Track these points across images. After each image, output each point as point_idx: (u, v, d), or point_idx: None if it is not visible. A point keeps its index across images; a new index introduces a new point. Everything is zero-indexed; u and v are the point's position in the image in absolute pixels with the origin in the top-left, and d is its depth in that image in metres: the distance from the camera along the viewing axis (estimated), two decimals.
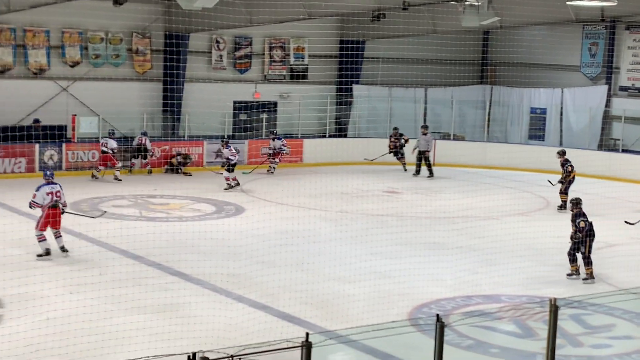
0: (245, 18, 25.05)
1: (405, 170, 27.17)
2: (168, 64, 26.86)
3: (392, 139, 27.48)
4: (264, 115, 28.59)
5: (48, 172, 15.69)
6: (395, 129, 27.87)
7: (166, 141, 26.30)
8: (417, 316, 12.56)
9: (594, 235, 14.97)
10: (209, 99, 27.40)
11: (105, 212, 17.74)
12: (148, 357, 7.35)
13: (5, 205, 19.27)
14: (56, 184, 15.40)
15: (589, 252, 14.86)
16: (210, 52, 28.73)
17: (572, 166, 21.39)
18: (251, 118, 28.99)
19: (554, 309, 8.08)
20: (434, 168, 26.71)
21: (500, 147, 28.93)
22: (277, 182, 24.46)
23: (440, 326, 7.66)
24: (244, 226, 18.18)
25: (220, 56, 28.90)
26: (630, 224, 18.81)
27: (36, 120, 24.92)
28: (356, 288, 13.70)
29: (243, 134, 27.72)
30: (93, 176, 23.87)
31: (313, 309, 12.66)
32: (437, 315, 7.77)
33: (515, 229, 18.66)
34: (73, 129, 25.13)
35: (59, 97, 25.95)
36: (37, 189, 15.21)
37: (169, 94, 26.96)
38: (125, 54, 27.03)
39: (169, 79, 27.02)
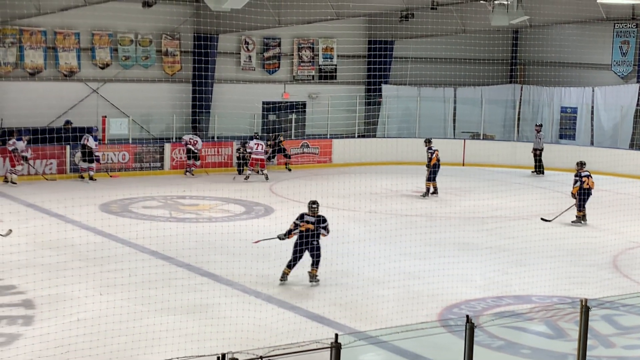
0: (274, 19, 25.09)
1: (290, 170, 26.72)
2: (197, 65, 27.03)
3: None
4: (293, 116, 28.62)
5: None
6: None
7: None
8: (447, 317, 12.49)
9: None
10: (238, 100, 27.48)
11: (11, 231, 15.04)
12: (178, 358, 7.37)
13: (37, 207, 19.43)
14: None
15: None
16: (239, 53, 28.80)
17: (586, 177, 19.55)
18: (280, 118, 29.05)
19: (585, 309, 8.01)
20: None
21: (530, 147, 28.69)
22: (307, 183, 24.46)
23: (470, 327, 7.61)
24: (273, 227, 18.16)
25: (249, 57, 28.98)
26: (546, 220, 18.96)
27: (68, 122, 25.11)
28: (386, 289, 13.66)
29: (272, 134, 27.77)
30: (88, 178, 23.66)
31: (343, 310, 12.64)
32: (467, 316, 7.72)
33: (546, 229, 18.56)
34: (103, 131, 25.30)
35: (89, 99, 26.15)
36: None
37: (198, 95, 27.06)
38: (155, 56, 27.19)
39: (198, 80, 27.17)
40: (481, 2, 24.47)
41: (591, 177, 19.46)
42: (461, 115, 31.72)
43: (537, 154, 27.39)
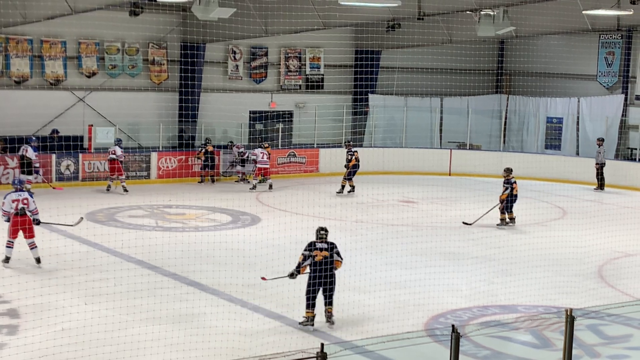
0: (261, 28, 25.11)
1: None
2: (184, 74, 27.00)
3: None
4: (280, 125, 28.63)
5: (16, 181, 15.78)
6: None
7: (182, 151, 26.34)
8: (434, 326, 12.50)
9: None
10: (225, 109, 27.46)
11: (82, 218, 16.49)
12: None
13: None
14: (24, 191, 15.45)
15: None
16: (226, 62, 28.81)
17: (515, 183, 20.10)
18: (267, 128, 29.05)
19: (570, 319, 8.03)
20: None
21: (516, 157, 28.78)
22: (293, 192, 24.47)
23: (456, 337, 7.62)
24: (259, 236, 18.18)
25: (236, 66, 28.98)
26: (467, 224, 19.28)
27: (55, 131, 25.05)
28: (372, 298, 13.66)
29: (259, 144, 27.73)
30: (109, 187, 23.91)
31: None
32: (453, 325, 7.73)
33: (532, 239, 18.62)
34: (89, 140, 25.23)
35: (75, 108, 26.08)
36: (4, 197, 15.27)
37: (185, 104, 27.03)
38: (142, 65, 27.16)
39: (185, 89, 27.16)
40: (467, 12, 24.55)
41: (516, 183, 20.16)
42: (447, 125, 31.82)
43: (597, 168, 26.57)
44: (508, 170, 20.19)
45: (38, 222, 15.29)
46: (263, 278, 13.56)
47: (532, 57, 31.47)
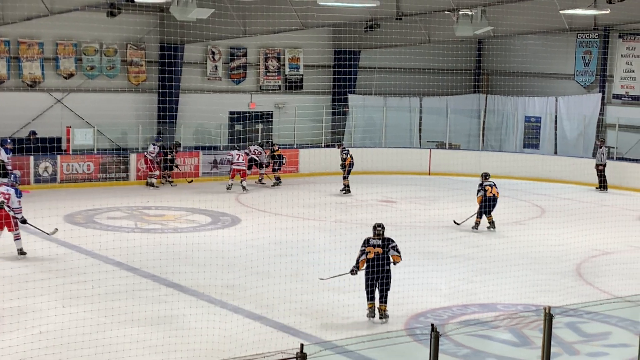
0: (240, 29, 25.06)
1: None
2: (163, 75, 26.93)
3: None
4: (260, 126, 28.59)
5: (12, 177, 15.86)
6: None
7: (160, 153, 26.19)
8: (414, 326, 12.53)
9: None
10: (204, 110, 27.39)
11: (57, 229, 16.58)
12: None
13: None
14: (10, 186, 15.54)
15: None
16: (205, 63, 28.73)
17: (490, 186, 19.63)
18: (247, 128, 29.00)
19: (549, 317, 8.07)
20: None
21: (495, 156, 28.92)
22: (273, 193, 24.45)
23: (435, 336, 7.63)
24: (239, 237, 18.14)
25: (215, 67, 28.92)
26: (457, 223, 19.35)
27: (32, 132, 24.89)
28: (352, 298, 13.65)
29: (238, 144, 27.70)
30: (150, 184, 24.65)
31: (309, 320, 12.62)
32: (432, 325, 7.74)
33: (511, 238, 18.71)
34: (68, 141, 25.09)
35: (53, 109, 25.93)
36: None
37: (164, 105, 26.93)
38: (120, 66, 27.04)
39: (163, 90, 27.06)
40: (446, 12, 24.61)
41: (495, 187, 19.63)
42: (427, 124, 31.90)
43: (600, 169, 26.45)
44: (483, 176, 19.87)
45: (24, 221, 15.32)
46: (321, 279, 13.76)
47: (510, 56, 31.60)
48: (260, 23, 24.66)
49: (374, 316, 12.71)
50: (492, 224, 19.62)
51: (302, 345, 7.12)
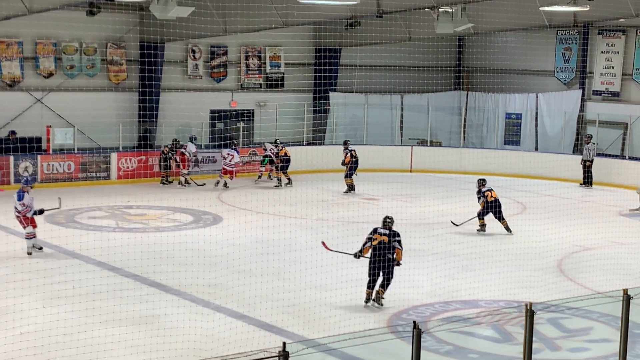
0: (220, 27, 24.98)
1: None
2: (143, 74, 26.81)
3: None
4: (241, 124, 28.53)
5: (23, 180, 16.26)
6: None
7: (139, 152, 26.11)
8: (396, 323, 12.54)
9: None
10: (185, 109, 27.31)
11: (60, 199, 17.18)
12: None
13: None
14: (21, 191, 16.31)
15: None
16: (186, 62, 28.63)
17: (489, 191, 19.47)
18: (228, 127, 28.92)
19: (530, 313, 8.09)
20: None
21: (476, 153, 29.01)
22: (255, 191, 24.41)
23: (417, 333, 7.64)
24: (221, 236, 18.10)
25: (196, 65, 28.82)
26: (455, 224, 19.36)
27: (12, 132, 24.72)
28: (335, 296, 13.67)
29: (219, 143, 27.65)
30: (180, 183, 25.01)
31: (292, 318, 12.62)
32: (414, 322, 7.75)
33: (493, 234, 18.78)
34: (48, 141, 24.95)
35: (33, 109, 25.75)
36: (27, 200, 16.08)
37: (144, 104, 26.81)
38: (100, 65, 26.88)
39: (144, 89, 26.94)
40: (426, 10, 24.66)
41: (493, 190, 19.41)
42: (408, 122, 31.95)
43: (587, 165, 26.63)
44: (480, 182, 19.69)
45: (41, 211, 16.29)
46: (323, 243, 14.29)
47: (491, 53, 31.69)
48: (240, 21, 24.59)
49: (367, 302, 13.19)
50: (507, 228, 19.22)
51: (284, 343, 7.11)
